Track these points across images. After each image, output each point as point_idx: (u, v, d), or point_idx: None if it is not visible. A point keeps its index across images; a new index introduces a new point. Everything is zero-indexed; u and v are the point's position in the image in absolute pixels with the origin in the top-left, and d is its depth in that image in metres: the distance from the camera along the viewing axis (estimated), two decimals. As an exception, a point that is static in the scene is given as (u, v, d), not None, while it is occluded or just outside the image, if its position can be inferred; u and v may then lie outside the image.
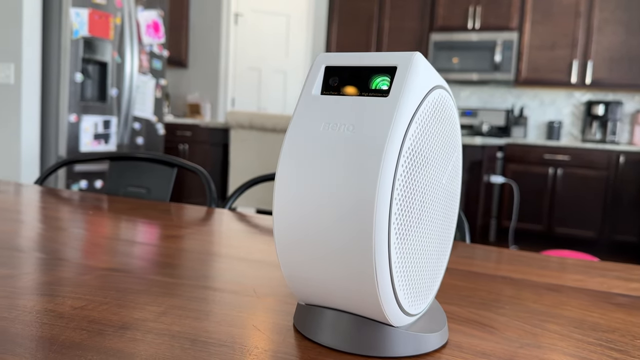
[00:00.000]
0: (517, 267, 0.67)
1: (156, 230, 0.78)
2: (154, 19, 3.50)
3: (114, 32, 3.19)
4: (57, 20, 2.94)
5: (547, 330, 0.46)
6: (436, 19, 4.52)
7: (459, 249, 0.77)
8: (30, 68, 2.88)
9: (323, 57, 0.39)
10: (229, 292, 0.51)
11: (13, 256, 0.58)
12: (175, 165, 1.10)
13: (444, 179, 0.42)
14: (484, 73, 4.38)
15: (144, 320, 0.42)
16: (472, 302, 0.52)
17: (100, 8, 3.08)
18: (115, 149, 3.33)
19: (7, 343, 0.36)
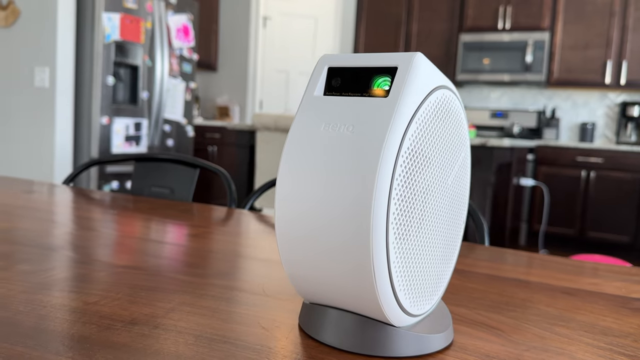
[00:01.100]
0: (533, 270, 0.66)
1: (174, 229, 0.79)
2: (184, 23, 3.56)
3: (144, 36, 3.25)
4: (89, 24, 3.02)
5: (556, 333, 0.45)
6: (465, 19, 4.47)
7: (475, 251, 0.77)
8: (64, 72, 2.96)
9: (326, 58, 0.40)
10: (238, 290, 0.51)
11: (36, 253, 0.61)
12: (197, 166, 1.11)
13: (450, 179, 0.42)
14: (515, 74, 4.31)
15: (153, 317, 0.43)
16: (482, 305, 0.51)
17: (132, 12, 3.15)
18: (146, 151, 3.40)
19: (19, 335, 0.38)
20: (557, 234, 3.97)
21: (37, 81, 2.95)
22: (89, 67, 3.04)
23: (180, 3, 3.54)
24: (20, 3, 2.95)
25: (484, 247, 0.81)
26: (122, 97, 3.25)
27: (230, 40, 5.03)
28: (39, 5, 2.91)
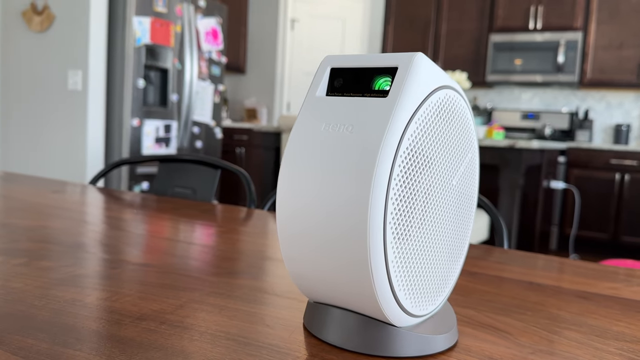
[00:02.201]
0: (549, 274, 0.65)
1: (191, 228, 0.81)
2: (213, 26, 3.61)
3: (174, 40, 3.31)
4: (121, 29, 3.09)
5: (565, 337, 0.44)
6: (496, 19, 4.41)
7: (492, 254, 0.76)
8: (96, 75, 3.04)
9: (329, 58, 0.40)
10: (247, 288, 0.52)
11: (58, 250, 0.63)
12: (218, 167, 1.13)
13: (455, 180, 0.41)
14: (547, 74, 4.23)
15: (161, 313, 0.44)
16: (492, 307, 0.51)
17: (162, 16, 3.21)
18: (175, 152, 3.45)
19: (31, 328, 0.39)
20: (589, 238, 3.87)
21: (70, 84, 3.04)
22: (120, 70, 3.12)
23: (209, 7, 3.59)
24: (55, 8, 3.04)
25: (501, 249, 0.80)
26: (153, 100, 3.31)
27: (259, 43, 5.07)
28: (72, 10, 3.00)
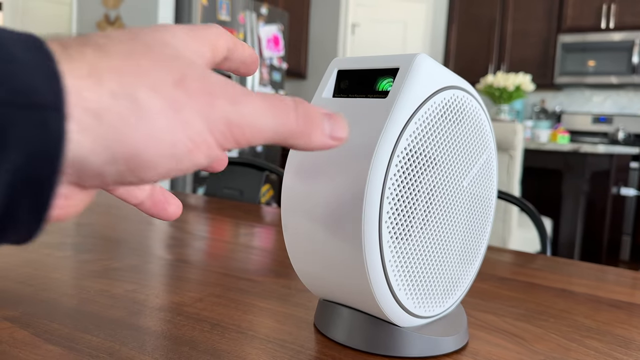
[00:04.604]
0: (585, 281, 0.62)
1: (229, 228, 0.84)
2: (274, 33, 3.69)
3: (236, 47, 3.41)
4: (185, 38, 3.22)
5: (584, 346, 0.42)
6: (564, 19, 4.23)
7: (531, 260, 0.73)
8: (163, 82, 3.18)
9: (337, 61, 0.41)
10: (267, 284, 0.54)
11: (98, 244, 0.67)
12: (264, 169, 1.16)
13: (465, 182, 0.41)
14: (621, 76, 4.01)
15: (180, 305, 0.47)
16: (513, 313, 0.49)
17: (225, 24, 3.32)
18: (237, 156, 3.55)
19: (59, 314, 0.43)
20: (667, 250, 3.62)
21: (138, 91, 3.19)
22: (184, 77, 3.24)
23: (271, 14, 3.67)
24: (126, 19, 3.22)
25: (541, 256, 0.77)
26: (215, 105, 3.42)
27: (320, 48, 5.13)
28: (141, 20, 3.16)
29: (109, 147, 0.18)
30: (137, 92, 0.18)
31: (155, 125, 0.19)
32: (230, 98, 0.20)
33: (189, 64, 0.20)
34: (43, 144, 0.17)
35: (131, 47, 0.19)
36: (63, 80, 0.17)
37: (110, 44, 0.19)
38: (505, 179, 2.12)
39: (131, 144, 0.18)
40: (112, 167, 0.19)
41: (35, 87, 0.16)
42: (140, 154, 0.19)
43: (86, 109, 0.17)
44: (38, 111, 0.16)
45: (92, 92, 0.18)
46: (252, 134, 0.21)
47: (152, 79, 0.19)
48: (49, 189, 0.17)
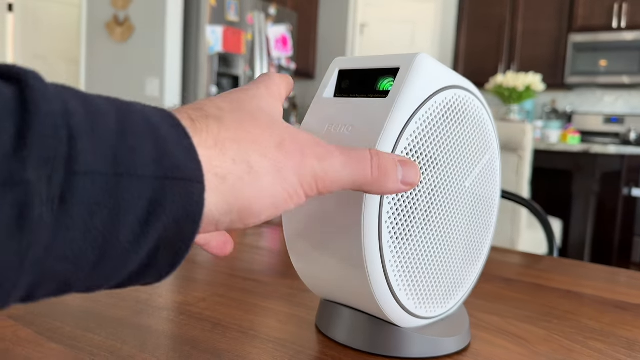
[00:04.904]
0: (592, 283, 0.62)
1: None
2: (282, 33, 3.69)
3: (245, 48, 3.43)
4: (194, 38, 3.24)
5: (588, 347, 0.42)
6: (575, 18, 4.19)
7: (539, 262, 0.73)
8: (172, 82, 3.20)
9: (338, 61, 0.41)
10: (271, 284, 0.54)
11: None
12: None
13: (468, 182, 0.41)
14: (633, 76, 3.97)
15: (183, 304, 0.47)
16: (517, 314, 0.49)
17: (234, 25, 3.33)
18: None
19: (63, 313, 0.43)
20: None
21: (148, 91, 3.22)
22: (194, 77, 3.26)
23: (279, 14, 3.68)
24: (135, 20, 3.24)
25: (549, 258, 0.77)
26: (224, 105, 3.43)
27: (328, 48, 5.13)
28: (150, 21, 3.18)
29: (228, 202, 0.23)
30: (250, 157, 0.23)
31: (264, 183, 0.23)
32: (317, 156, 0.25)
33: (283, 127, 0.25)
34: (188, 210, 0.21)
35: (240, 117, 0.25)
36: (198, 154, 0.21)
37: (225, 116, 0.24)
38: (514, 179, 2.10)
39: (245, 198, 0.23)
40: (227, 217, 0.23)
41: (182, 164, 0.21)
42: (252, 206, 0.23)
43: (215, 174, 0.22)
44: (185, 184, 0.21)
45: (218, 160, 0.23)
46: (333, 185, 0.26)
47: (260, 145, 0.24)
48: (187, 245, 0.22)
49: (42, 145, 0.17)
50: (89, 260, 0.19)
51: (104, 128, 0.19)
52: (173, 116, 0.22)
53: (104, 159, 0.18)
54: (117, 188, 0.19)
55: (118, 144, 0.19)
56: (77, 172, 0.18)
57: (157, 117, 0.21)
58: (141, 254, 0.20)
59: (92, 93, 0.21)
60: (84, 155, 0.18)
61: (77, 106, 0.19)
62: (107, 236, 0.19)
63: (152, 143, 0.20)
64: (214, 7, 3.20)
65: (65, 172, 0.17)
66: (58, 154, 0.17)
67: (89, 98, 0.20)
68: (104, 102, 0.21)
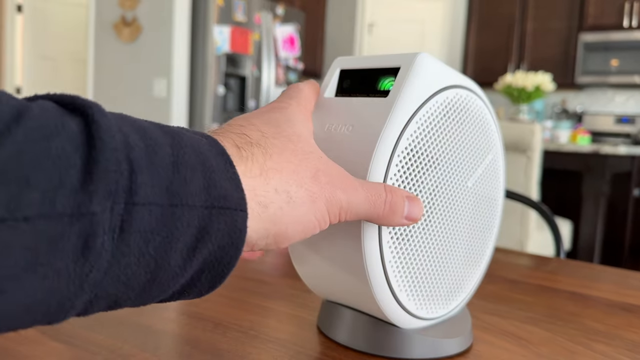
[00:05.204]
0: (598, 284, 0.61)
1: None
2: (290, 33, 3.70)
3: (253, 48, 3.43)
4: (202, 38, 3.25)
5: (591, 349, 0.42)
6: (586, 17, 4.16)
7: (546, 263, 0.72)
8: (179, 82, 3.21)
9: (339, 61, 0.41)
10: (274, 285, 0.54)
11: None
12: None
13: (470, 182, 0.40)
14: (644, 75, 3.93)
15: (185, 304, 0.47)
16: (521, 316, 0.49)
17: (241, 25, 3.33)
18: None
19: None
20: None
21: (155, 91, 3.23)
22: (201, 78, 3.27)
23: (287, 14, 3.68)
24: (143, 20, 3.25)
25: (556, 259, 0.76)
26: (232, 106, 3.44)
27: (336, 48, 5.12)
28: (158, 22, 3.19)
29: (266, 228, 0.25)
30: (290, 187, 0.25)
31: (299, 212, 0.26)
32: (344, 189, 0.28)
33: (317, 157, 0.28)
34: (232, 237, 0.23)
35: (281, 145, 0.27)
36: (242, 183, 0.23)
37: (268, 143, 0.26)
38: (523, 180, 2.09)
39: (282, 225, 0.25)
40: (264, 240, 0.25)
41: (227, 193, 0.22)
42: (287, 232, 0.26)
43: (258, 202, 0.24)
44: (231, 212, 0.22)
45: (262, 189, 0.24)
46: (352, 216, 0.29)
47: (298, 175, 0.26)
48: (228, 268, 0.23)
49: (106, 179, 0.18)
50: (140, 282, 0.20)
51: (161, 161, 0.21)
52: (219, 144, 0.24)
53: (160, 191, 0.20)
54: (171, 218, 0.20)
55: (172, 176, 0.21)
56: (136, 204, 0.19)
57: (205, 145, 0.23)
58: (186, 276, 0.22)
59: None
60: (143, 188, 0.19)
61: (136, 140, 0.20)
62: (159, 261, 0.20)
63: (202, 173, 0.22)
64: (221, 7, 3.20)
65: (125, 203, 0.19)
66: (120, 187, 0.19)
67: (147, 130, 0.21)
68: (159, 133, 0.22)
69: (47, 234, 0.17)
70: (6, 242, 0.16)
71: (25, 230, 0.16)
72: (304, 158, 0.27)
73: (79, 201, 0.18)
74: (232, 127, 0.27)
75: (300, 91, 0.33)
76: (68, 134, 0.18)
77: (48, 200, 0.17)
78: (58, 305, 0.18)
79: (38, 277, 0.17)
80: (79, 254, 0.18)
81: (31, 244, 0.16)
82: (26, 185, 0.17)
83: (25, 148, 0.17)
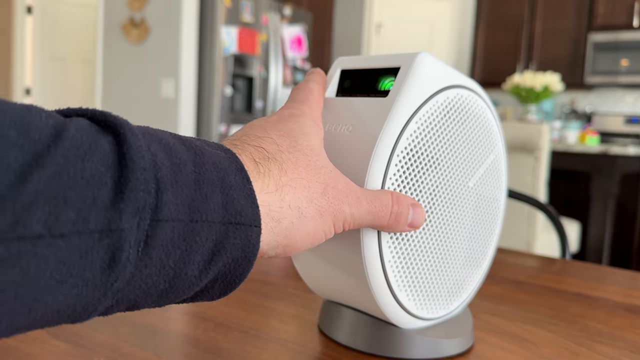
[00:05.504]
0: (603, 285, 0.60)
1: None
2: (297, 34, 3.70)
3: (260, 48, 3.44)
4: (209, 39, 3.26)
5: (594, 351, 0.41)
6: (595, 17, 4.13)
7: (551, 264, 0.72)
8: (187, 83, 3.23)
9: (340, 60, 0.41)
10: (278, 285, 0.54)
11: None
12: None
13: (471, 182, 0.40)
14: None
15: (187, 304, 0.47)
16: (524, 317, 0.48)
17: (249, 26, 3.34)
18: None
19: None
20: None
21: (163, 92, 3.25)
22: (209, 78, 3.28)
23: (294, 15, 3.69)
24: (151, 21, 3.27)
25: (562, 260, 0.76)
26: (239, 107, 3.45)
27: (344, 49, 5.12)
28: (166, 23, 3.21)
29: (277, 240, 0.26)
30: (302, 203, 0.27)
31: (308, 226, 0.27)
32: (349, 203, 0.29)
33: (327, 172, 0.29)
34: (246, 251, 0.24)
35: (296, 159, 0.28)
36: (257, 200, 0.25)
37: (283, 158, 0.28)
38: (530, 181, 2.08)
39: (292, 237, 0.27)
40: (274, 250, 0.27)
41: (243, 209, 0.24)
42: (296, 244, 0.27)
43: (272, 217, 0.26)
44: (245, 228, 0.24)
45: (277, 205, 0.26)
46: (356, 225, 0.30)
47: (309, 191, 0.28)
48: (240, 279, 0.25)
49: (135, 198, 0.20)
50: (158, 290, 0.22)
51: (184, 179, 0.22)
52: (238, 159, 0.25)
53: (183, 208, 0.21)
54: (191, 233, 0.22)
55: (194, 193, 0.22)
56: (161, 220, 0.21)
57: (225, 161, 0.24)
58: (201, 285, 0.23)
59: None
60: (168, 206, 0.21)
61: (163, 159, 0.22)
62: (178, 272, 0.22)
63: (221, 190, 0.23)
64: (228, 8, 3.21)
65: (151, 219, 0.20)
66: (147, 205, 0.20)
67: (172, 148, 0.23)
68: (183, 150, 0.23)
69: (80, 249, 0.18)
70: (44, 257, 0.17)
71: (61, 246, 0.18)
72: (316, 173, 0.29)
73: (109, 218, 0.19)
74: (250, 138, 0.28)
75: (310, 93, 0.34)
76: (101, 154, 0.19)
77: (82, 219, 0.18)
78: (83, 309, 0.20)
79: (69, 286, 0.18)
80: (106, 266, 0.19)
81: (65, 258, 0.18)
82: (64, 204, 0.18)
83: (63, 169, 0.18)
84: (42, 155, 0.18)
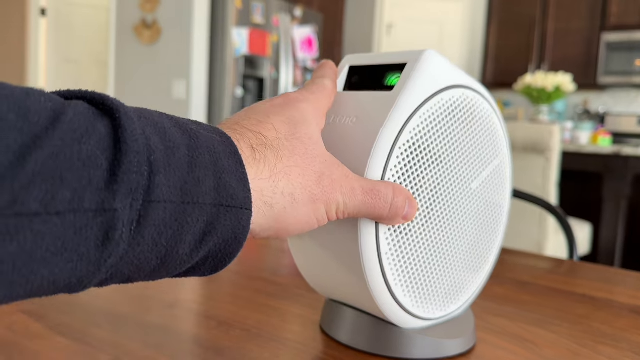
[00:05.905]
0: (608, 287, 0.60)
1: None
2: (308, 35, 3.70)
3: (271, 50, 3.45)
4: (221, 40, 3.28)
5: (596, 352, 0.41)
6: (608, 17, 4.08)
7: (558, 266, 0.71)
8: (198, 84, 3.24)
9: (349, 58, 0.41)
10: (282, 284, 0.54)
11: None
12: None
13: (474, 185, 0.40)
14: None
15: (191, 302, 0.47)
16: (527, 317, 0.48)
17: (259, 27, 3.35)
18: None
19: (72, 309, 0.44)
20: None
21: (175, 93, 3.27)
22: (220, 80, 3.30)
23: (305, 16, 3.69)
24: (163, 23, 3.29)
25: (569, 262, 0.75)
26: (249, 107, 3.46)
27: (354, 50, 5.12)
28: (177, 24, 3.23)
29: (269, 224, 0.27)
30: (295, 190, 0.28)
31: (301, 212, 0.28)
32: (343, 192, 0.30)
33: (322, 160, 0.30)
34: (236, 233, 0.25)
35: (292, 148, 0.29)
36: (249, 184, 0.25)
37: (280, 145, 0.28)
38: (541, 182, 2.06)
39: (284, 222, 0.28)
40: (266, 233, 0.28)
41: (235, 193, 0.24)
42: (288, 228, 0.28)
43: (264, 202, 0.26)
44: (236, 211, 0.24)
45: (270, 191, 0.27)
46: (349, 215, 0.31)
47: (304, 178, 0.28)
48: (230, 258, 0.26)
49: (128, 180, 0.21)
50: (151, 266, 0.23)
51: (177, 162, 0.23)
52: (233, 143, 0.26)
53: (175, 190, 0.22)
54: (183, 214, 0.23)
55: (187, 176, 0.23)
56: (153, 201, 0.21)
57: (219, 145, 0.25)
58: (192, 262, 0.24)
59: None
60: (160, 188, 0.22)
61: (157, 142, 0.22)
62: (169, 250, 0.23)
63: (213, 173, 0.24)
64: (239, 9, 3.23)
65: (143, 201, 0.21)
66: (140, 186, 0.21)
67: (167, 131, 0.24)
68: (178, 133, 0.24)
69: (74, 226, 0.19)
70: (40, 232, 0.18)
71: (56, 223, 0.19)
72: (311, 162, 0.29)
73: (103, 198, 0.20)
74: (251, 122, 0.29)
75: (324, 89, 0.34)
76: (97, 137, 0.20)
77: (77, 198, 0.19)
78: (78, 282, 0.21)
79: (64, 260, 0.19)
80: (100, 243, 0.20)
81: (60, 234, 0.19)
82: (60, 184, 0.19)
83: (61, 150, 0.19)
84: (40, 137, 0.19)
